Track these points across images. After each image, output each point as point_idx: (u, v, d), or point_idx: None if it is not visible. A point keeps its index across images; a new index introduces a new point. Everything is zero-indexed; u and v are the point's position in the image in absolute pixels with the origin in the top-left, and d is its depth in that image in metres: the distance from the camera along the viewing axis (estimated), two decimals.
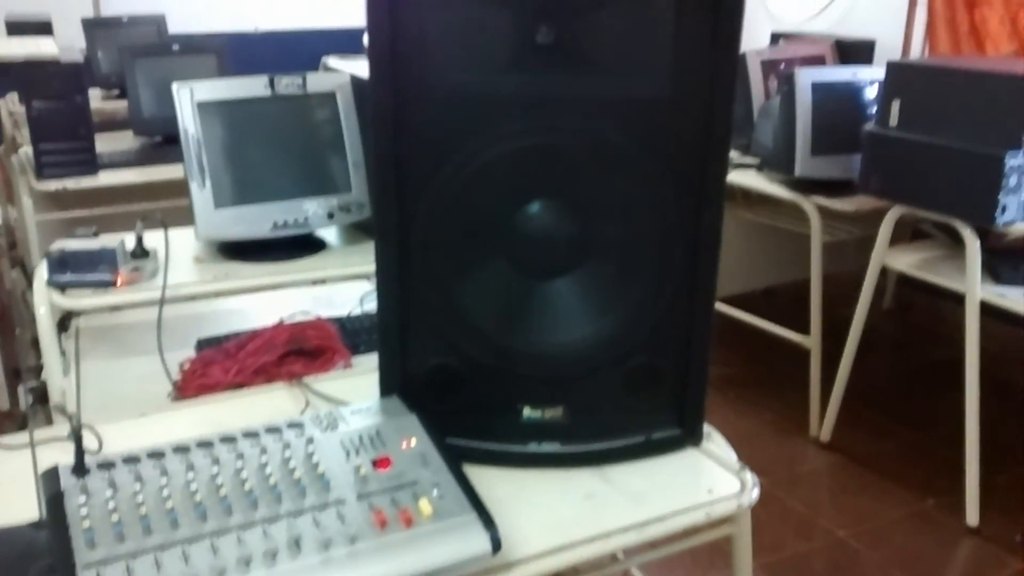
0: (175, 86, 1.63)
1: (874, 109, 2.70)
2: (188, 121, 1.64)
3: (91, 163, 2.53)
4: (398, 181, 1.14)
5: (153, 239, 1.70)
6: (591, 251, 1.20)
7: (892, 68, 2.41)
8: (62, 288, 1.56)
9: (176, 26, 4.88)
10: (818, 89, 2.64)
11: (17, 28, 3.20)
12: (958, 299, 2.39)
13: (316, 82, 1.76)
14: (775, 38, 3.75)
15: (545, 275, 1.21)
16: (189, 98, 1.64)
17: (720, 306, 3.04)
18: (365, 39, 1.13)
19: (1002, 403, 3.06)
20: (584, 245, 1.20)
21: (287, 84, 1.73)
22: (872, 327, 2.79)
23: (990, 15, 3.26)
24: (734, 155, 3.08)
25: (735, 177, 2.93)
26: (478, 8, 1.14)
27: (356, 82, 1.83)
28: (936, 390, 3.25)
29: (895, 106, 2.36)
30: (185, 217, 1.74)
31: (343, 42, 5.97)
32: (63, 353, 1.61)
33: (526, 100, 1.14)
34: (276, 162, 1.74)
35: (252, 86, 1.71)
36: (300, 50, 6.00)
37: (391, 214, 1.14)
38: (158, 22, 3.73)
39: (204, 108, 1.65)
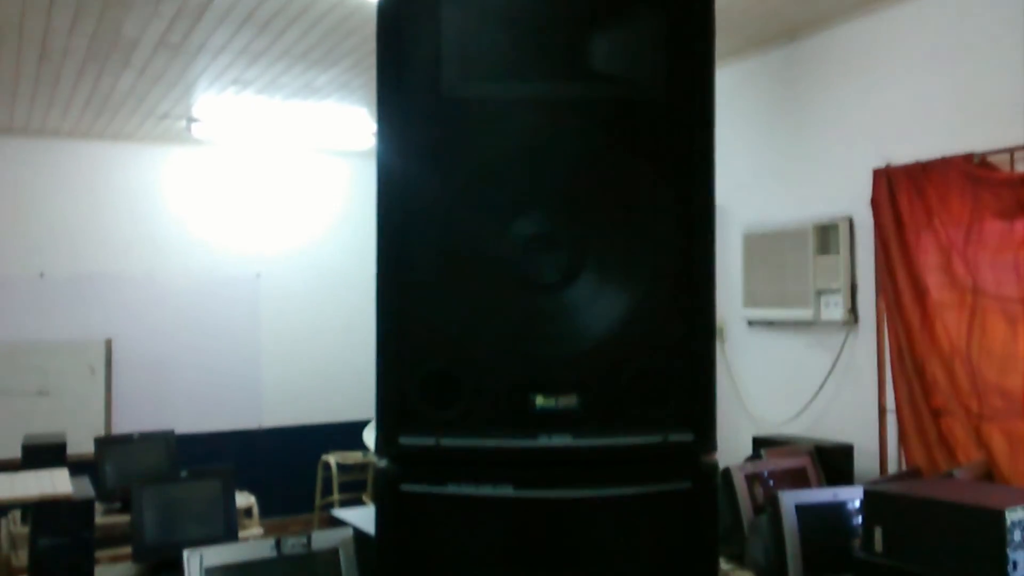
0: (186, 554, 1.71)
1: (859, 521, 2.77)
2: None
3: None
4: None
5: None
6: None
7: (870, 496, 2.51)
8: None
9: (184, 426, 5.12)
10: (802, 511, 2.74)
11: (32, 452, 3.34)
12: None
13: (321, 539, 1.85)
14: (756, 443, 3.94)
15: None
16: (199, 565, 1.71)
17: None
18: (365, 436, 1.25)
19: None
20: None
21: (293, 544, 1.81)
22: None
23: (954, 424, 3.45)
24: (729, 567, 3.11)
25: None
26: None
27: (359, 535, 1.91)
28: None
29: (878, 533, 2.44)
30: None
31: (342, 437, 6.21)
32: None
33: None
34: None
35: (259, 548, 1.79)
36: (301, 444, 6.23)
37: None
38: (167, 437, 3.90)
39: (212, 573, 1.72)
